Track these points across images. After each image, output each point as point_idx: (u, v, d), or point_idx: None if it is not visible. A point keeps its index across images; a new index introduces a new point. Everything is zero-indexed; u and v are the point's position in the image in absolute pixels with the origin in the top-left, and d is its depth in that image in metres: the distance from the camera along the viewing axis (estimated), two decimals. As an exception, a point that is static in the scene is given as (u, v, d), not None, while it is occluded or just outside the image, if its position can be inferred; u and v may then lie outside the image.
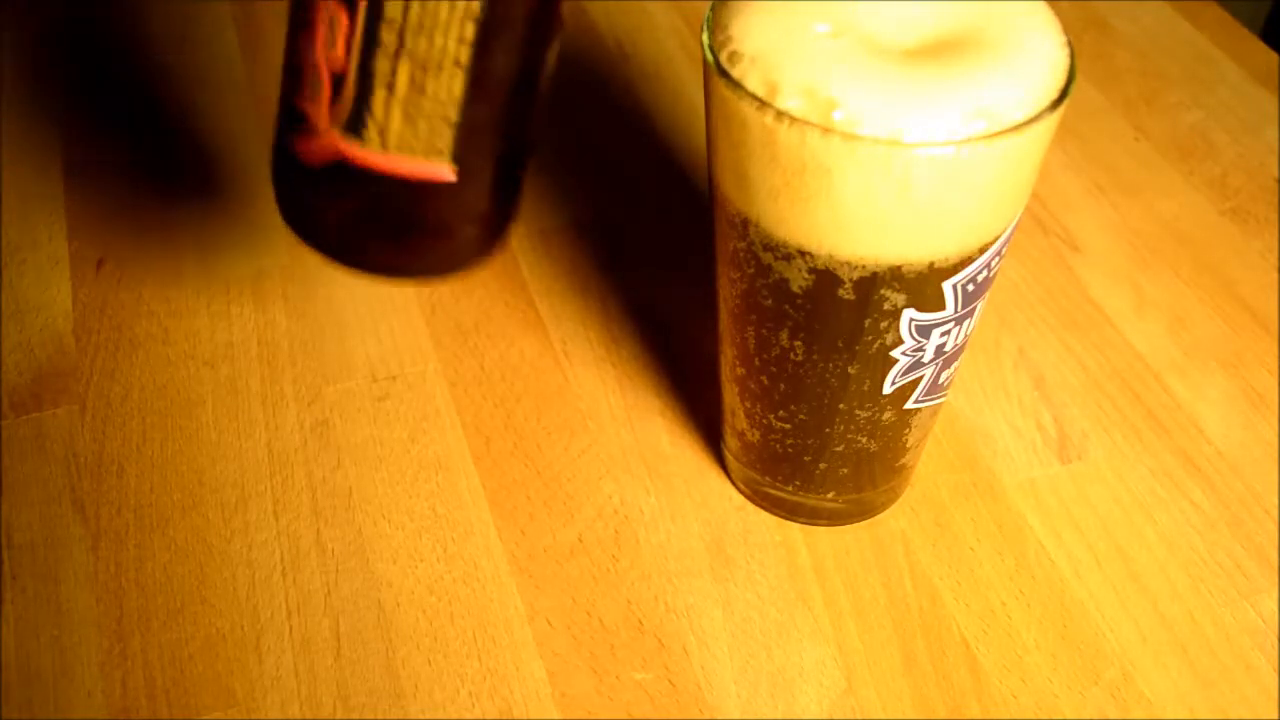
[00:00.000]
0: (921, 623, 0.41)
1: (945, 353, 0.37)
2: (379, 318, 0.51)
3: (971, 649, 0.41)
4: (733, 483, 0.45)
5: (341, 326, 0.51)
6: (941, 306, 0.35)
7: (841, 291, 0.34)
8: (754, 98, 0.31)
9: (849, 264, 0.33)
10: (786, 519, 0.44)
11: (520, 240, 0.54)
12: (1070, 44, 0.33)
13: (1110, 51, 0.66)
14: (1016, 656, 0.41)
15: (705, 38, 0.33)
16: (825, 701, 0.40)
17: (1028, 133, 0.31)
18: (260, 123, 0.60)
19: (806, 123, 0.30)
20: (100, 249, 0.54)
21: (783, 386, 0.39)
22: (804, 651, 0.41)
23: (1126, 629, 0.41)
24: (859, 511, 0.44)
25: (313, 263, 0.53)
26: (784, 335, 0.37)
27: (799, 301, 0.35)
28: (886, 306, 0.35)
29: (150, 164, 0.58)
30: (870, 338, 0.36)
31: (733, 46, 0.32)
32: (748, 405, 0.41)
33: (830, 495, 0.43)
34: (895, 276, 0.34)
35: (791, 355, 0.37)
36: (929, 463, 0.46)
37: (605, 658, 0.40)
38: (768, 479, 0.43)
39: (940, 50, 0.32)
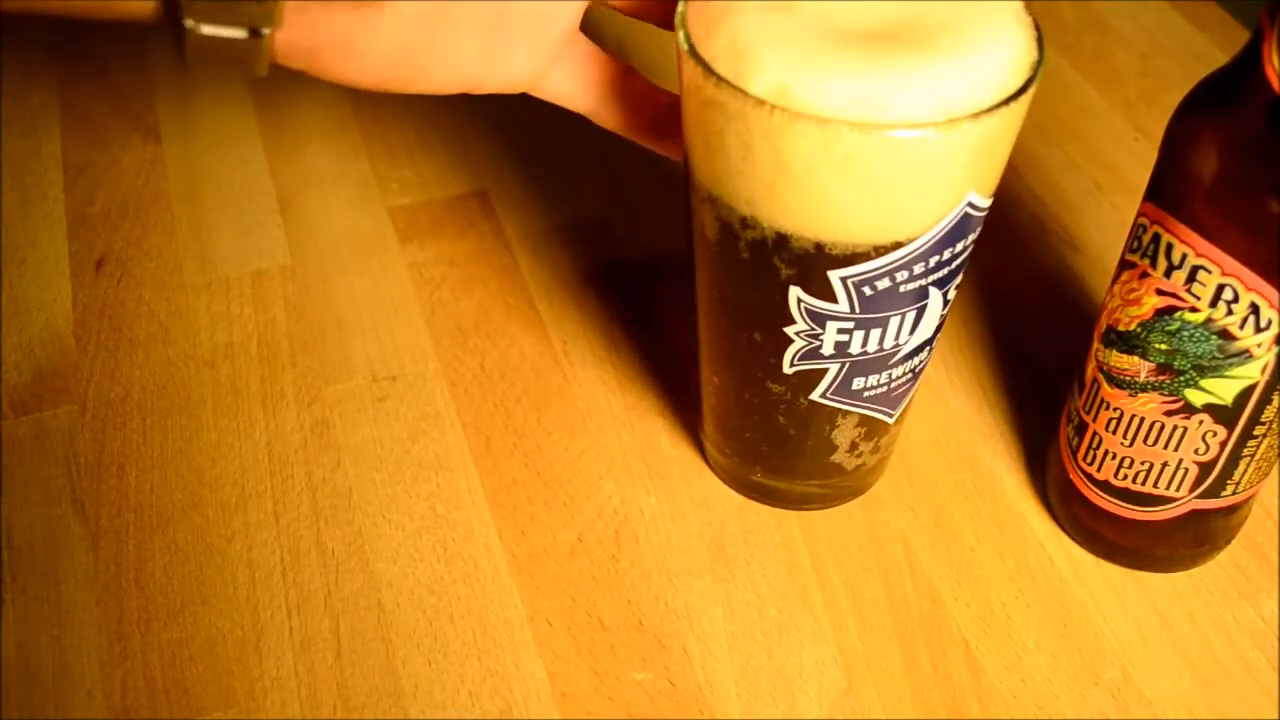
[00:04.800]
0: (921, 623, 0.41)
1: (851, 355, 0.37)
2: (379, 318, 0.51)
3: (971, 649, 0.41)
4: (706, 462, 0.46)
5: (341, 326, 0.51)
6: (833, 299, 0.35)
7: (740, 247, 0.35)
8: (683, 48, 0.32)
9: (742, 220, 0.34)
10: (737, 491, 0.45)
11: (520, 240, 0.54)
12: (1040, 52, 0.33)
13: (1110, 51, 0.66)
14: (1016, 656, 0.41)
15: (679, 26, 0.34)
16: (825, 701, 0.40)
17: (911, 136, 0.31)
18: (263, 123, 0.60)
19: (701, 65, 0.31)
20: (100, 249, 0.54)
21: (709, 336, 0.40)
22: (804, 651, 0.41)
23: (1126, 629, 0.41)
24: (785, 497, 0.44)
25: (313, 263, 0.53)
26: (706, 283, 0.38)
27: (712, 249, 0.36)
28: (777, 276, 0.35)
29: (150, 164, 0.58)
30: (763, 304, 0.36)
31: (691, 17, 0.33)
32: (700, 359, 0.42)
33: (758, 471, 0.44)
34: (782, 246, 0.34)
35: (713, 306, 0.39)
36: (929, 463, 0.46)
37: (605, 658, 0.40)
38: (714, 448, 0.44)
39: (891, 37, 0.32)
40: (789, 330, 0.36)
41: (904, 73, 0.31)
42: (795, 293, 0.35)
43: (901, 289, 0.35)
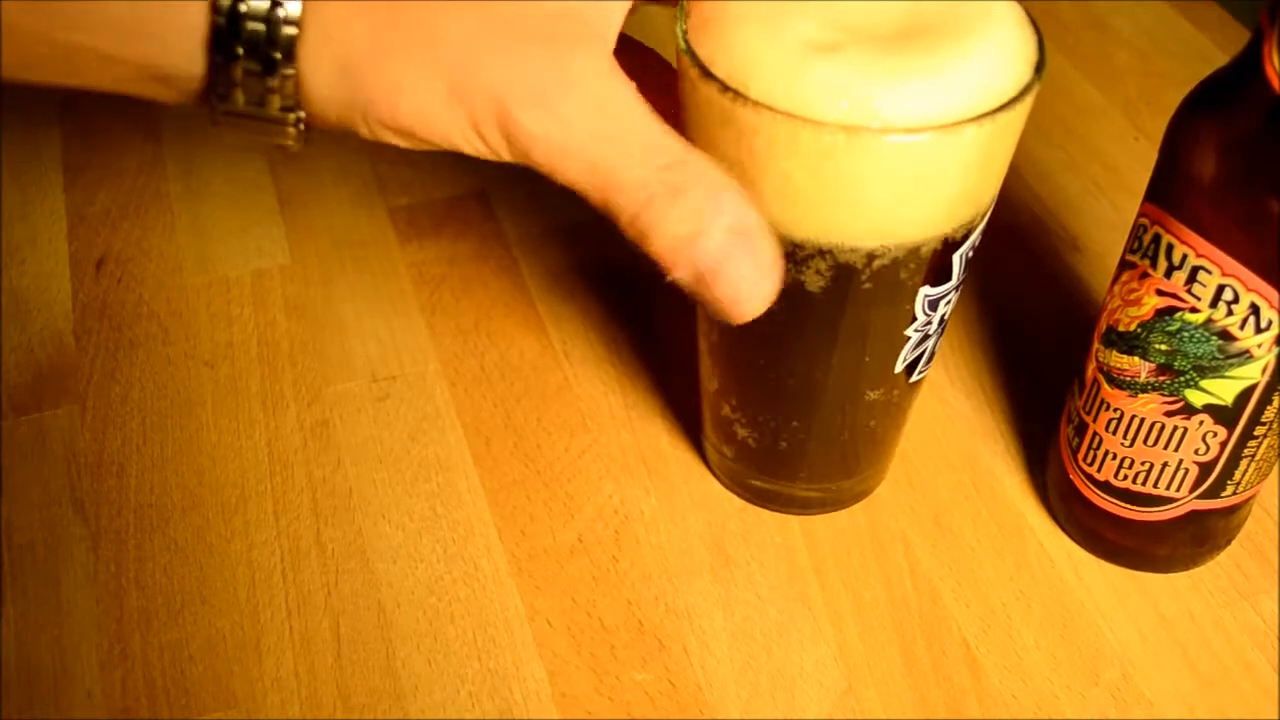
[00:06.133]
0: (921, 623, 0.41)
1: (945, 321, 0.38)
2: (379, 318, 0.51)
3: (971, 649, 0.41)
4: (716, 477, 0.45)
5: (341, 326, 0.51)
6: (949, 278, 0.36)
7: (861, 281, 0.34)
8: (775, 110, 0.31)
9: (869, 255, 0.34)
10: (779, 511, 0.44)
11: (520, 240, 0.54)
12: (1038, 31, 0.34)
13: (1110, 51, 0.66)
14: (1016, 656, 0.41)
15: (678, 29, 0.33)
16: (825, 701, 0.40)
17: (1018, 107, 0.32)
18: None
19: (835, 126, 0.30)
20: (100, 249, 0.54)
21: (791, 383, 0.39)
22: (804, 651, 0.41)
23: (1126, 629, 0.41)
24: (851, 497, 0.44)
25: (313, 263, 0.53)
26: (798, 337, 0.37)
27: (816, 300, 0.35)
28: (904, 288, 0.35)
29: (150, 164, 0.58)
30: (888, 322, 0.36)
31: (707, 41, 0.32)
32: (751, 413, 0.41)
33: (825, 484, 0.44)
34: (912, 256, 0.34)
35: (805, 355, 0.38)
36: (929, 463, 0.46)
37: (605, 658, 0.40)
38: (764, 476, 0.44)
39: (913, 39, 0.32)
40: (908, 330, 0.37)
41: (964, 69, 0.32)
42: (923, 292, 0.36)
43: (978, 240, 0.36)
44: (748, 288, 0.30)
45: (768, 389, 0.40)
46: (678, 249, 0.30)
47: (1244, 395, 0.36)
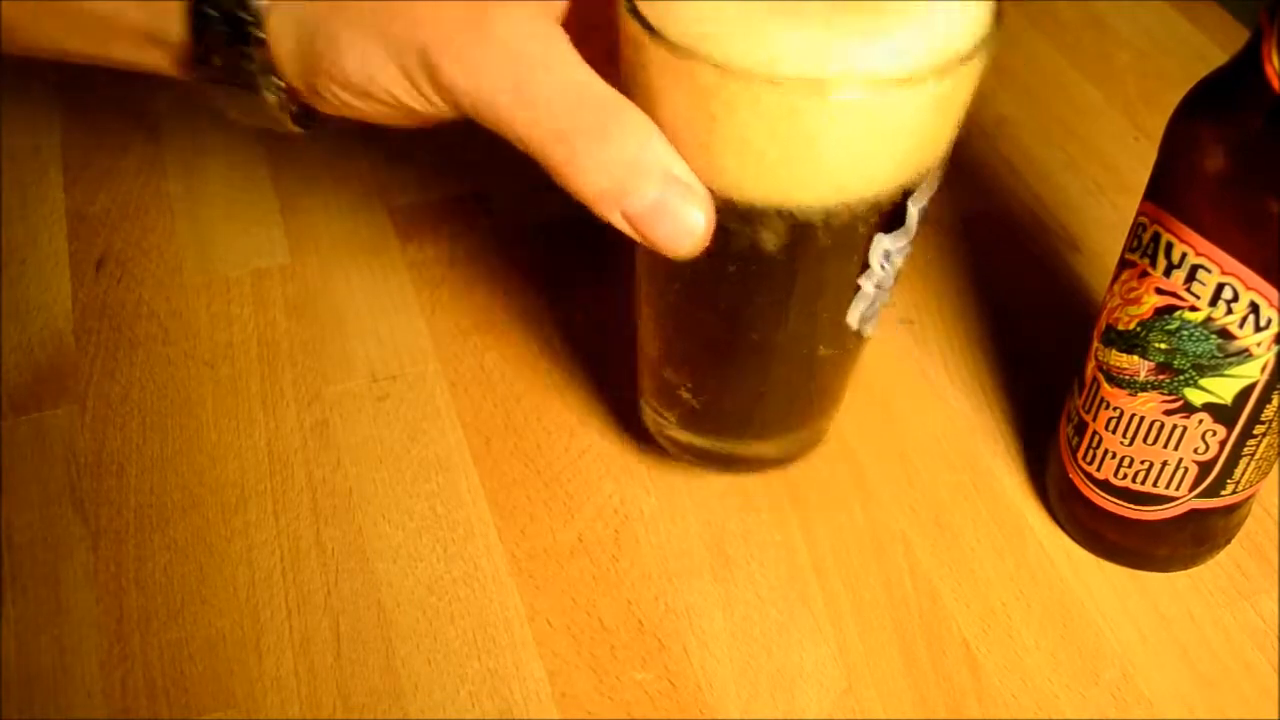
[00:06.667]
0: (921, 623, 0.41)
1: (899, 271, 0.37)
2: (379, 318, 0.51)
3: (971, 649, 0.41)
4: (656, 440, 0.44)
5: (341, 326, 0.51)
6: (903, 224, 0.35)
7: (820, 238, 0.34)
8: (735, 71, 0.30)
9: (831, 210, 0.33)
10: (722, 472, 0.44)
11: (520, 240, 0.54)
12: None
13: (1110, 51, 0.66)
14: (1016, 656, 0.41)
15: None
16: (825, 701, 0.40)
17: (977, 58, 0.31)
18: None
19: (798, 83, 0.30)
20: (100, 249, 0.54)
21: (744, 343, 0.39)
22: (804, 651, 0.41)
23: (1126, 629, 0.41)
24: (795, 453, 0.43)
25: (313, 263, 0.53)
26: (756, 298, 0.37)
27: (775, 261, 0.35)
28: (862, 242, 0.35)
29: (150, 164, 0.58)
30: (845, 277, 0.36)
31: (657, 4, 0.31)
32: (700, 377, 0.40)
33: (771, 440, 0.43)
34: (873, 211, 0.34)
35: (761, 316, 0.37)
36: (929, 463, 0.46)
37: (605, 658, 0.40)
38: (709, 437, 0.43)
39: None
40: (864, 281, 0.36)
41: (923, 21, 0.31)
42: (879, 243, 0.35)
43: (934, 190, 0.36)
44: (687, 227, 0.32)
45: (720, 351, 0.39)
46: (606, 198, 0.32)
47: (1243, 394, 0.36)
